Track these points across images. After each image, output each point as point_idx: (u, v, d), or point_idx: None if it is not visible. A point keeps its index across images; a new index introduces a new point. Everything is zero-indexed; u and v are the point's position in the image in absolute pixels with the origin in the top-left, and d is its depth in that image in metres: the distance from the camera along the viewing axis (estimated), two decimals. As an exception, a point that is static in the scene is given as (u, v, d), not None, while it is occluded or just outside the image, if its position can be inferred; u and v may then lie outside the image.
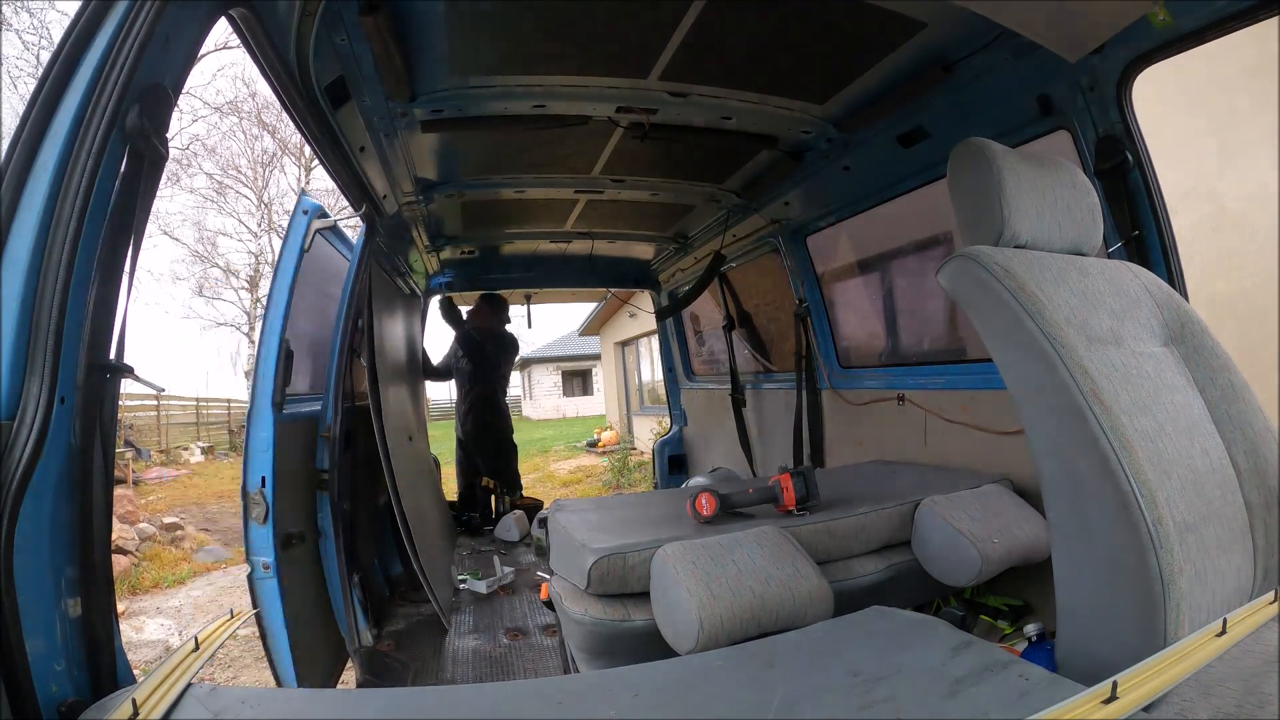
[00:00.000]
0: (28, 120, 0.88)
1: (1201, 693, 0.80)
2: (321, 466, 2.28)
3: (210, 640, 1.00)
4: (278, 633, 1.98)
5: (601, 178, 2.75)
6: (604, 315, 13.48)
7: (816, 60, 1.86)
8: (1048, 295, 1.03)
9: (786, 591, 1.38)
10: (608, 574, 1.46)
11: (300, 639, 2.03)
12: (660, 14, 1.61)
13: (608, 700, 0.91)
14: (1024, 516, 1.72)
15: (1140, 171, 1.51)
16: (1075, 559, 0.98)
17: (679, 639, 1.34)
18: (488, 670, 2.35)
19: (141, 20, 0.92)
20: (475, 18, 1.61)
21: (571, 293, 5.80)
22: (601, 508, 1.89)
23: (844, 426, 2.86)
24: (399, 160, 2.30)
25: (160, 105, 0.98)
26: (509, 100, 1.99)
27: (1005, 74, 1.69)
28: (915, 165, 2.16)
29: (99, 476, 0.91)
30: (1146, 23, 1.35)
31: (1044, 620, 1.50)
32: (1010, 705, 0.82)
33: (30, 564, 0.80)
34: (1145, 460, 0.92)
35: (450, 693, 1.21)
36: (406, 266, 3.50)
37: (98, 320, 0.90)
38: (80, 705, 0.84)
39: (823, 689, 0.91)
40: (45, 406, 0.82)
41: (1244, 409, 1.10)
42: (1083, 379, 0.95)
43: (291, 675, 2.02)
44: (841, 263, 2.89)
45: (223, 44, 10.86)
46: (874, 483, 2.05)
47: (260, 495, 1.93)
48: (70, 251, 0.85)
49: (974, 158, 1.15)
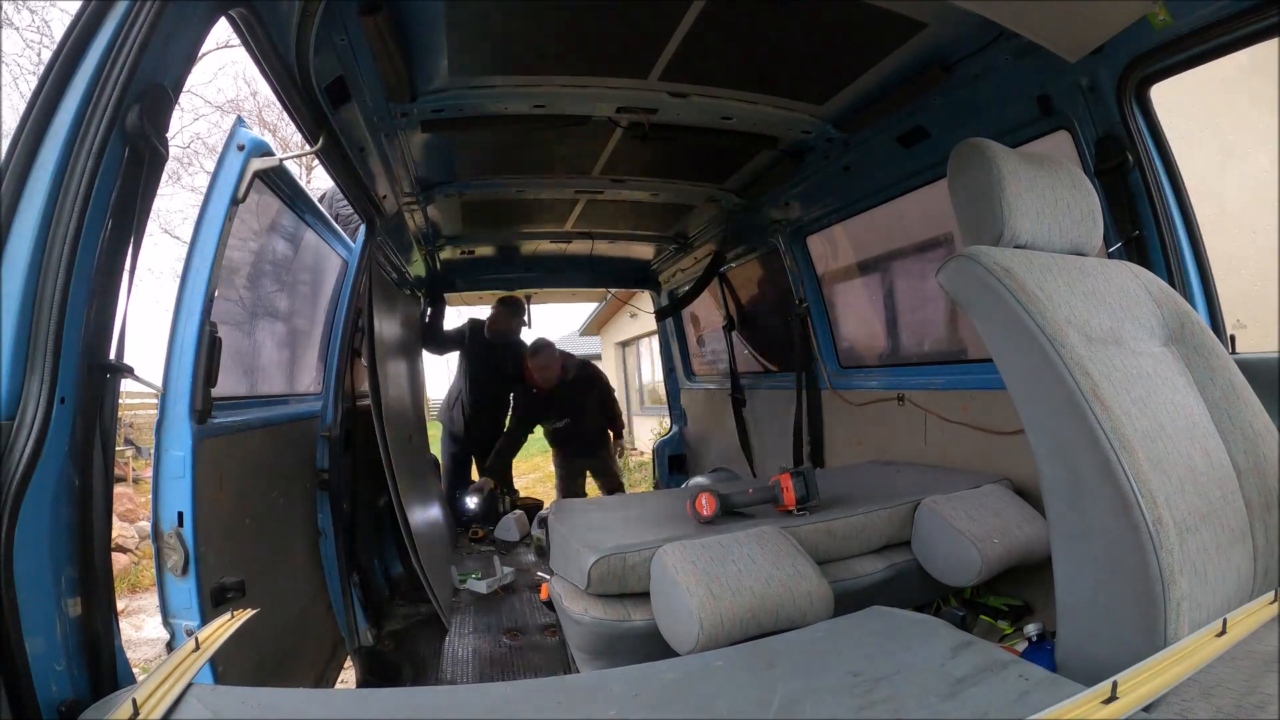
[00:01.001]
0: (28, 120, 0.88)
1: (1201, 693, 0.81)
2: (321, 466, 2.28)
3: (210, 640, 1.00)
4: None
5: (601, 178, 2.75)
6: (604, 316, 13.47)
7: (816, 60, 1.86)
8: (1048, 295, 1.03)
9: (786, 591, 1.38)
10: (608, 574, 1.46)
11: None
12: (660, 14, 1.61)
13: (608, 700, 0.91)
14: (1024, 516, 1.72)
15: (1140, 172, 1.51)
16: (1075, 559, 0.98)
17: (679, 639, 1.34)
18: (488, 670, 2.35)
19: (141, 20, 0.92)
20: (475, 18, 1.61)
21: (571, 293, 5.79)
22: (601, 508, 1.89)
23: (844, 427, 2.86)
24: (399, 160, 2.30)
25: (160, 105, 0.98)
26: (509, 100, 1.99)
27: (1005, 74, 1.69)
28: (915, 165, 2.16)
29: (99, 476, 0.91)
30: (1146, 23, 1.35)
31: (1044, 620, 1.50)
32: (1010, 705, 0.82)
33: (30, 564, 0.80)
34: (1145, 460, 0.92)
35: (450, 693, 1.21)
36: (406, 266, 3.50)
37: (98, 320, 0.90)
38: (80, 705, 0.84)
39: (823, 689, 0.91)
40: (45, 406, 0.82)
41: (1244, 409, 1.10)
42: (1083, 379, 0.95)
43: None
44: (842, 263, 2.88)
45: (224, 43, 10.86)
46: (874, 483, 2.05)
47: (175, 537, 1.38)
48: (70, 251, 0.85)
49: (974, 158, 1.15)
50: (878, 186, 2.38)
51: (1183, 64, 1.40)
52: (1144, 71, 1.45)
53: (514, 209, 3.19)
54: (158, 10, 0.94)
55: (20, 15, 9.77)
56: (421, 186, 2.66)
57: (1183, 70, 1.42)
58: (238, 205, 1.55)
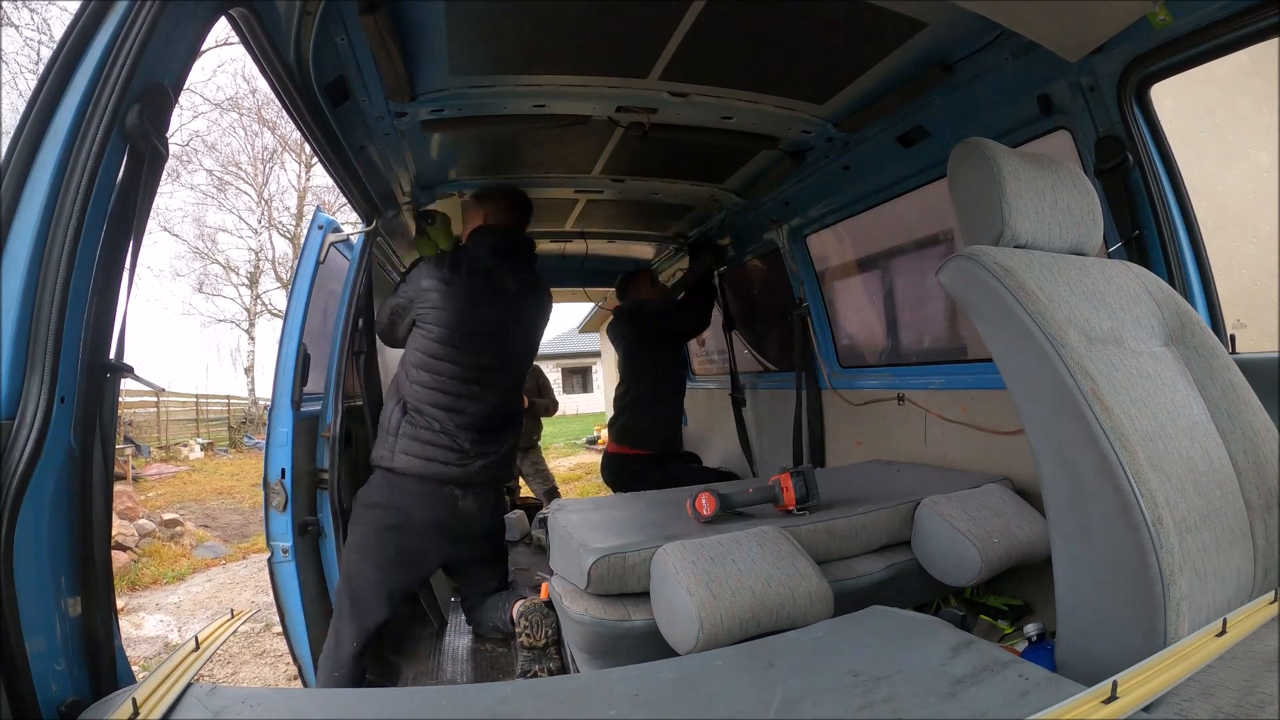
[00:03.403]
0: (28, 119, 0.88)
1: (1201, 693, 0.81)
2: (321, 466, 2.29)
3: (210, 640, 1.00)
4: (294, 612, 2.16)
5: (601, 178, 2.75)
6: (604, 313, 13.47)
7: (816, 60, 1.86)
8: (1048, 295, 1.03)
9: (786, 591, 1.38)
10: (608, 574, 1.46)
11: (315, 619, 2.18)
12: (660, 14, 1.60)
13: (608, 700, 0.91)
14: (1024, 516, 1.72)
15: (1140, 171, 1.51)
16: (1075, 559, 0.98)
17: (679, 639, 1.34)
18: (488, 670, 2.35)
19: (141, 20, 0.92)
20: (475, 18, 1.61)
21: (571, 292, 5.78)
22: (601, 507, 1.89)
23: (844, 426, 2.86)
24: (399, 160, 2.30)
25: (160, 104, 0.98)
26: (509, 100, 1.98)
27: (1005, 74, 1.69)
28: (915, 165, 2.16)
29: (99, 476, 0.91)
30: (1146, 23, 1.35)
31: (1044, 620, 1.50)
32: (1010, 705, 0.82)
33: (30, 563, 0.80)
34: (1145, 460, 0.92)
35: (450, 693, 1.21)
36: (406, 266, 3.50)
37: (98, 320, 0.90)
38: (80, 705, 0.84)
39: (823, 689, 0.91)
40: (45, 406, 0.82)
41: (1244, 408, 1.10)
42: (1083, 379, 0.95)
43: (307, 653, 2.16)
44: (841, 262, 2.89)
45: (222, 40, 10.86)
46: (874, 482, 2.05)
47: (280, 485, 2.09)
48: (70, 251, 0.85)
49: (974, 157, 1.15)
50: (878, 186, 2.38)
51: (1183, 64, 1.40)
52: (1144, 71, 1.45)
53: None
54: (158, 10, 0.94)
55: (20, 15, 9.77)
56: (421, 186, 2.66)
57: (1183, 70, 1.42)
58: (320, 265, 2.32)
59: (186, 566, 6.35)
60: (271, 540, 2.13)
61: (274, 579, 2.16)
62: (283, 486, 2.09)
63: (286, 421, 2.14)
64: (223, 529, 7.92)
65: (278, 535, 2.12)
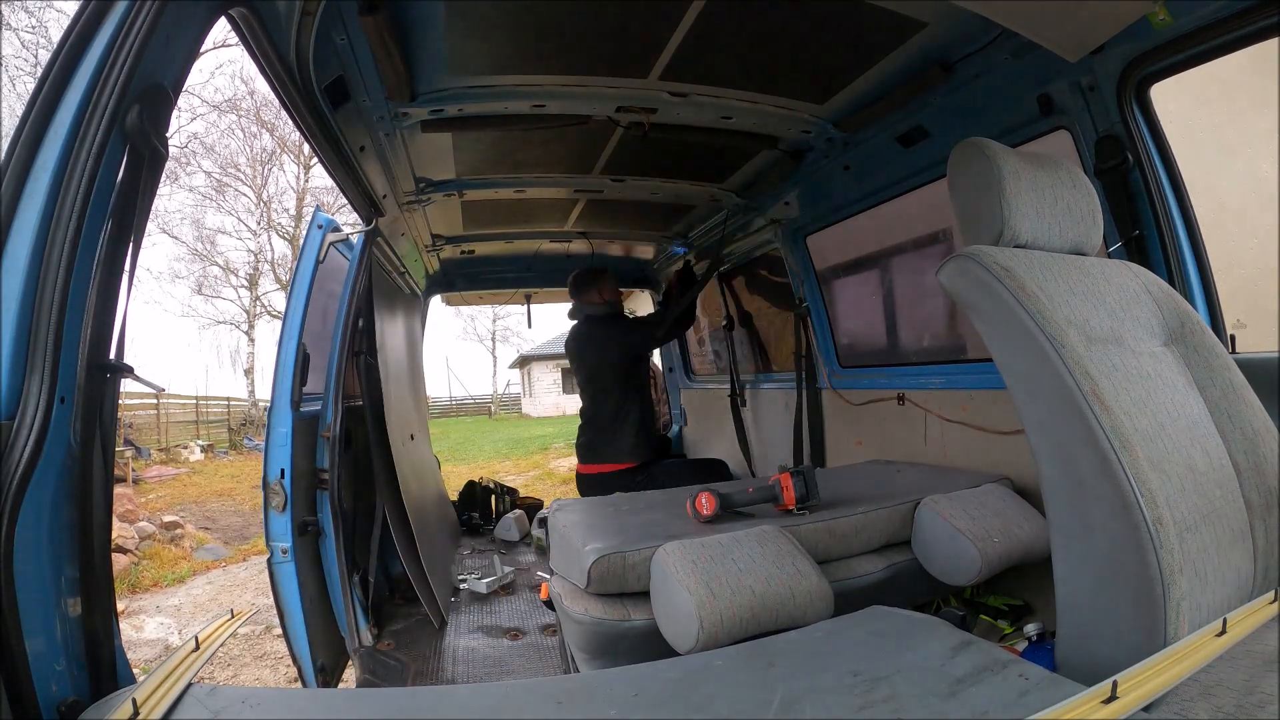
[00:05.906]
0: (28, 120, 0.88)
1: (1201, 693, 0.81)
2: (321, 466, 2.29)
3: (210, 640, 1.00)
4: (294, 613, 2.16)
5: (601, 178, 2.75)
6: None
7: (816, 60, 1.86)
8: (1048, 295, 1.03)
9: (786, 591, 1.38)
10: (607, 573, 1.46)
11: (314, 620, 2.20)
12: (660, 14, 1.61)
13: (608, 700, 0.91)
14: (1024, 516, 1.72)
15: (1140, 171, 1.51)
16: (1075, 559, 0.98)
17: (679, 639, 1.34)
18: (488, 670, 2.35)
19: (141, 20, 0.92)
20: (475, 18, 1.61)
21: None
22: (601, 507, 1.89)
23: (844, 426, 2.86)
24: (399, 160, 2.30)
25: (160, 105, 0.98)
26: (509, 100, 1.98)
27: (1005, 74, 1.69)
28: (915, 165, 2.16)
29: (99, 476, 0.91)
30: (1146, 23, 1.35)
31: (1044, 620, 1.50)
32: (1010, 705, 0.82)
33: (30, 564, 0.80)
34: (1145, 460, 0.92)
35: (450, 693, 1.21)
36: (406, 266, 3.50)
37: (98, 320, 0.90)
38: (80, 705, 0.84)
39: (823, 689, 0.91)
40: (45, 406, 0.82)
41: (1244, 408, 1.10)
42: (1083, 379, 0.95)
43: (307, 654, 2.17)
44: (841, 262, 2.89)
45: (221, 41, 10.87)
46: (874, 482, 2.05)
47: (279, 485, 2.11)
48: (70, 251, 0.85)
49: (974, 157, 1.15)
50: (878, 186, 2.38)
51: (1183, 64, 1.40)
52: (1144, 71, 1.45)
53: (514, 208, 3.19)
54: (158, 10, 0.94)
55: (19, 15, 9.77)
56: (421, 186, 2.66)
57: (1183, 70, 1.41)
58: (319, 264, 2.33)
59: (187, 569, 6.36)
60: (271, 541, 2.14)
61: (273, 579, 2.16)
62: (282, 487, 2.10)
63: (286, 421, 2.15)
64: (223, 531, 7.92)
65: (277, 536, 2.13)
